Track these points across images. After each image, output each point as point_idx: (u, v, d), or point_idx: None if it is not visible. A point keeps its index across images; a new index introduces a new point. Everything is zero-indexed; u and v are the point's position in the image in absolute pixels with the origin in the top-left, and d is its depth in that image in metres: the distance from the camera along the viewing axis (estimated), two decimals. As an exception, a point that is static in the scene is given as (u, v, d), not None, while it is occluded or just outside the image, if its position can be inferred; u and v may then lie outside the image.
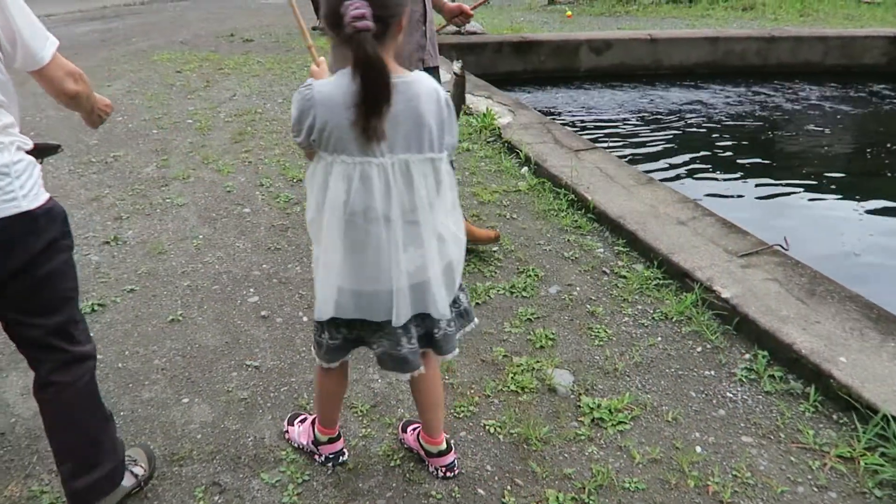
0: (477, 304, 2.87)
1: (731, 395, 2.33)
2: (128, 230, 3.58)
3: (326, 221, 1.56)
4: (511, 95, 6.33)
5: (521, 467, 2.03)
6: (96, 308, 2.84)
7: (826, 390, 2.26)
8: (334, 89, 1.48)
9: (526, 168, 4.35)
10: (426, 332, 1.75)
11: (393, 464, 2.03)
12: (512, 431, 2.16)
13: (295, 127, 1.55)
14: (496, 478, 1.99)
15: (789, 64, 8.62)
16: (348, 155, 1.51)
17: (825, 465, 2.02)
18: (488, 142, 4.93)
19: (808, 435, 2.13)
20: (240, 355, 2.56)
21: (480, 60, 7.96)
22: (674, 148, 6.06)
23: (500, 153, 4.69)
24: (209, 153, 4.71)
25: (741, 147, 6.16)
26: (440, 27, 3.22)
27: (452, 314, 1.77)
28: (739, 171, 5.53)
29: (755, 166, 5.67)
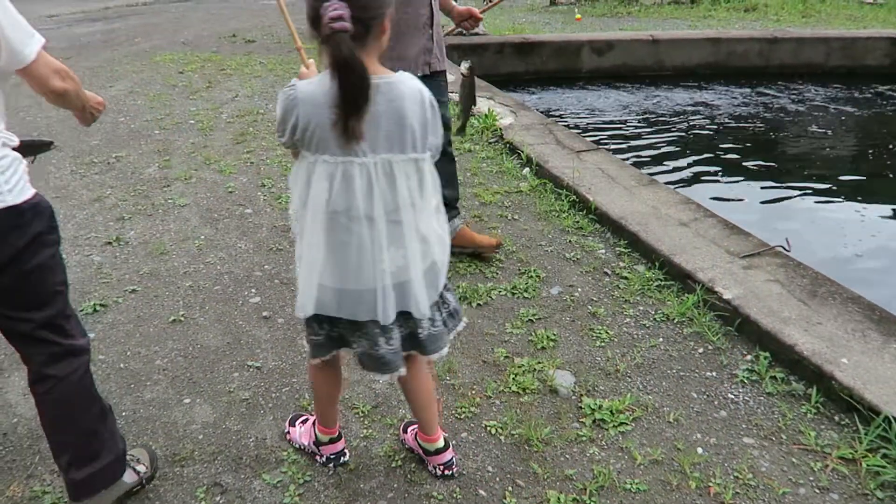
0: (478, 305, 2.87)
1: (733, 397, 2.33)
2: (130, 231, 3.58)
3: (309, 219, 1.58)
4: (513, 96, 6.34)
5: (523, 468, 2.03)
6: (98, 308, 2.85)
7: (828, 392, 2.25)
8: (317, 89, 1.49)
9: (527, 169, 4.35)
10: (410, 333, 1.75)
11: (394, 464, 2.03)
12: (513, 432, 2.16)
13: (279, 126, 1.58)
14: (497, 479, 1.99)
15: (791, 65, 8.62)
16: (330, 154, 1.52)
17: (827, 467, 2.02)
18: (490, 143, 4.93)
19: (810, 436, 2.12)
20: (241, 356, 2.56)
21: (482, 61, 7.96)
22: (675, 149, 6.06)
23: (502, 154, 4.69)
24: (211, 154, 4.72)
25: (743, 148, 6.16)
26: (450, 31, 3.20)
27: (443, 314, 1.78)
28: (741, 173, 5.53)
29: (757, 167, 5.66)
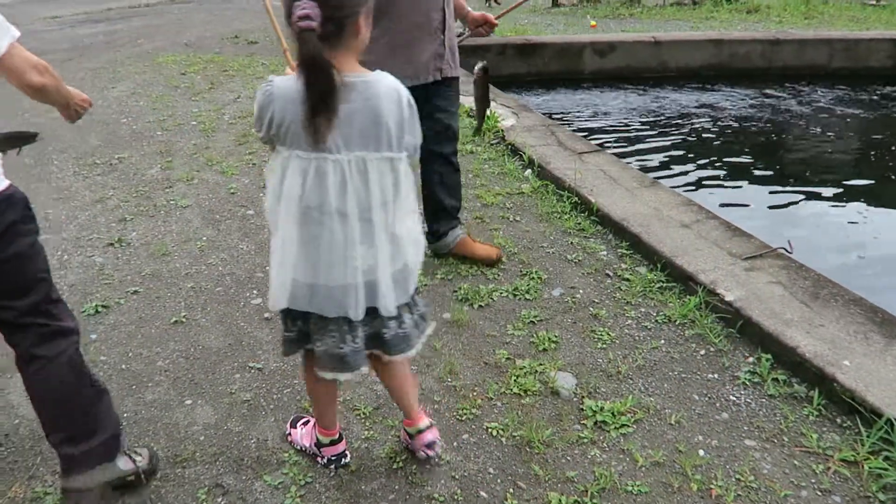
0: (480, 307, 2.87)
1: (735, 399, 2.33)
2: (132, 232, 3.59)
3: (282, 214, 1.60)
4: (515, 98, 6.34)
5: (524, 470, 2.03)
6: (100, 309, 2.85)
7: (830, 394, 2.25)
8: (292, 85, 1.51)
9: (529, 170, 4.34)
10: (375, 333, 1.76)
11: (396, 466, 2.03)
12: (514, 434, 2.16)
13: (257, 122, 1.60)
14: (499, 480, 1.99)
15: (794, 67, 8.60)
16: (304, 150, 1.54)
17: (829, 469, 2.02)
18: (492, 144, 4.93)
19: (812, 439, 2.12)
20: (243, 357, 2.56)
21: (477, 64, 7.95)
22: (677, 150, 6.05)
23: (504, 155, 4.69)
24: (213, 155, 4.72)
25: (745, 150, 6.15)
26: (464, 37, 3.17)
27: (414, 316, 1.80)
28: (743, 174, 5.52)
29: (759, 169, 5.66)
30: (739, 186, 5.27)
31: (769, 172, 5.60)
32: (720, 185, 5.27)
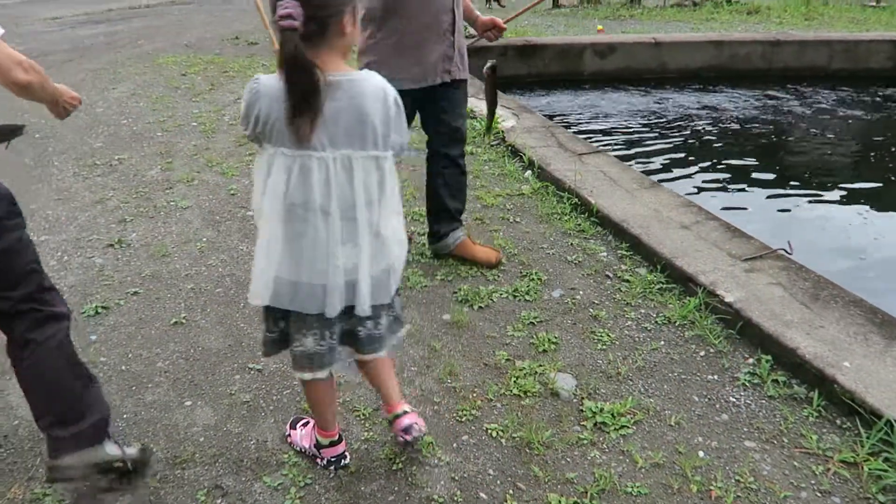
0: (480, 308, 2.87)
1: (735, 400, 2.33)
2: (132, 233, 3.59)
3: (267, 211, 1.60)
4: (515, 99, 6.34)
5: (524, 471, 2.03)
6: (100, 311, 2.85)
7: (829, 395, 2.25)
8: (277, 83, 1.52)
9: (529, 172, 4.35)
10: (350, 330, 1.78)
11: (395, 467, 2.03)
12: (514, 435, 2.16)
13: (243, 119, 1.60)
14: (498, 482, 1.99)
15: (794, 68, 8.60)
16: (288, 147, 1.55)
17: (829, 471, 2.02)
18: (492, 145, 4.93)
19: (812, 440, 2.12)
20: (243, 358, 2.56)
21: (483, 64, 7.96)
22: (677, 152, 6.05)
23: (504, 157, 4.69)
24: (213, 156, 4.72)
25: (745, 151, 6.15)
26: (473, 41, 3.16)
27: (389, 318, 1.82)
28: (743, 175, 5.52)
29: (759, 170, 5.66)
30: (739, 188, 5.27)
31: (769, 173, 5.60)
32: (720, 187, 5.27)
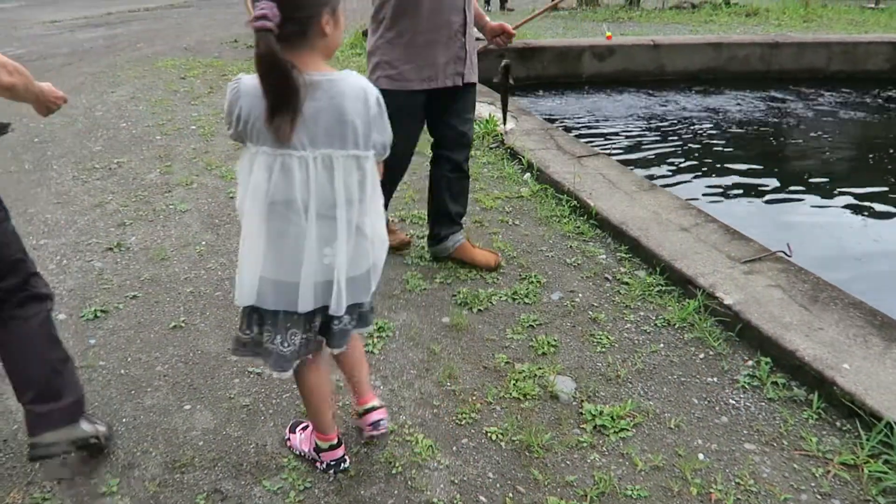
0: (479, 311, 2.87)
1: (734, 402, 2.33)
2: (131, 236, 3.59)
3: (248, 209, 1.61)
4: (514, 101, 6.34)
5: (523, 474, 2.03)
6: (99, 314, 2.85)
7: (829, 397, 2.25)
8: (257, 82, 1.52)
9: (528, 174, 4.35)
10: (325, 323, 1.80)
11: (395, 471, 2.03)
12: (514, 438, 2.16)
13: (226, 119, 1.61)
14: (498, 485, 1.99)
15: (792, 70, 8.62)
16: (269, 146, 1.55)
17: (828, 473, 2.01)
18: (491, 148, 4.94)
19: (812, 442, 2.12)
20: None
21: (483, 66, 7.97)
22: (677, 154, 6.06)
23: (503, 159, 4.70)
24: (212, 159, 4.72)
25: (744, 153, 6.15)
26: (482, 47, 3.15)
27: (365, 312, 1.85)
28: (742, 177, 5.52)
29: (758, 172, 5.66)
30: (738, 190, 5.27)
31: (768, 175, 5.60)
32: (719, 189, 5.28)
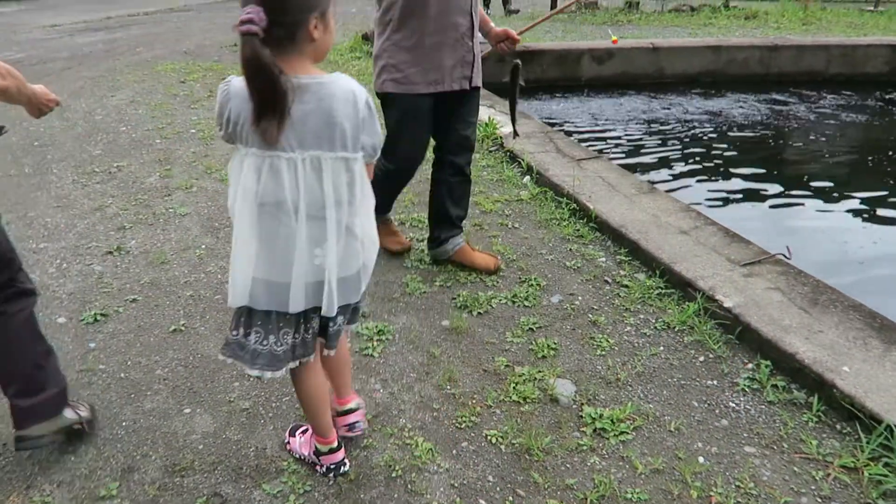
0: (479, 314, 2.87)
1: (734, 405, 2.33)
2: (131, 240, 3.59)
3: (239, 210, 1.62)
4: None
5: (523, 478, 2.02)
6: (99, 318, 2.85)
7: (829, 400, 2.25)
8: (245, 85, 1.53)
9: (528, 177, 4.35)
10: (323, 325, 1.82)
11: (395, 474, 2.03)
12: (514, 442, 2.16)
13: (217, 121, 1.62)
14: (498, 488, 1.99)
15: (791, 73, 8.63)
16: (258, 148, 1.56)
17: (829, 476, 2.01)
18: (490, 151, 4.94)
19: (812, 445, 2.12)
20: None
21: (483, 69, 7.98)
22: (676, 157, 6.06)
23: (502, 162, 4.70)
24: (212, 163, 4.73)
25: (744, 156, 6.16)
26: (486, 53, 3.16)
27: (356, 311, 1.87)
28: (742, 180, 5.53)
29: (758, 175, 5.67)
30: (737, 192, 5.28)
31: (767, 178, 5.61)
32: (718, 192, 5.28)
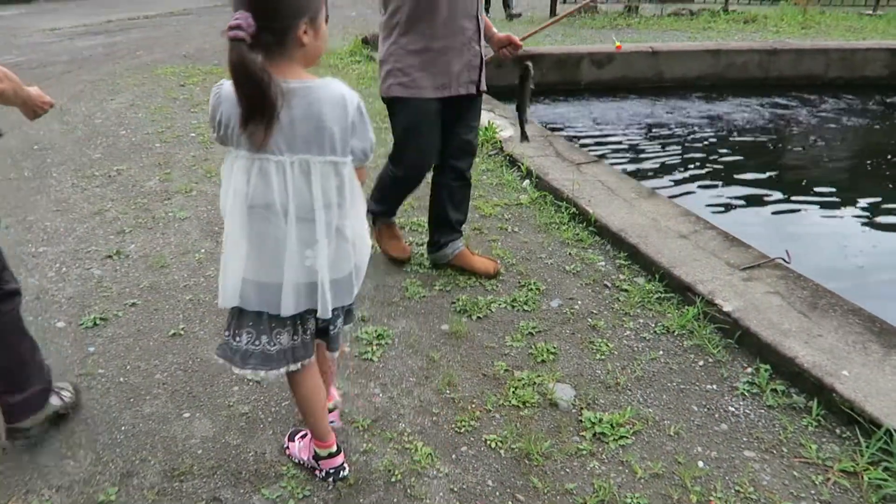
0: (478, 318, 2.87)
1: (734, 410, 2.33)
2: (130, 244, 3.59)
3: (230, 211, 1.63)
4: (513, 108, 6.35)
5: (523, 482, 2.02)
6: (98, 322, 2.85)
7: (829, 404, 2.25)
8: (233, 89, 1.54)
9: (527, 181, 4.36)
10: (323, 329, 1.84)
11: (394, 479, 2.03)
12: (513, 446, 2.16)
13: (210, 123, 1.64)
14: (497, 493, 1.99)
15: (791, 76, 8.63)
16: (247, 150, 1.57)
17: (828, 480, 2.01)
18: (490, 155, 4.94)
19: (811, 449, 2.12)
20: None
21: (488, 75, 7.99)
22: (676, 161, 6.07)
23: (502, 166, 4.70)
24: (212, 167, 4.73)
25: (743, 160, 6.16)
26: (489, 58, 3.16)
27: (342, 316, 1.87)
28: (741, 184, 5.53)
29: (757, 179, 5.67)
30: (737, 196, 5.28)
31: (767, 182, 5.61)
32: (718, 196, 5.28)
